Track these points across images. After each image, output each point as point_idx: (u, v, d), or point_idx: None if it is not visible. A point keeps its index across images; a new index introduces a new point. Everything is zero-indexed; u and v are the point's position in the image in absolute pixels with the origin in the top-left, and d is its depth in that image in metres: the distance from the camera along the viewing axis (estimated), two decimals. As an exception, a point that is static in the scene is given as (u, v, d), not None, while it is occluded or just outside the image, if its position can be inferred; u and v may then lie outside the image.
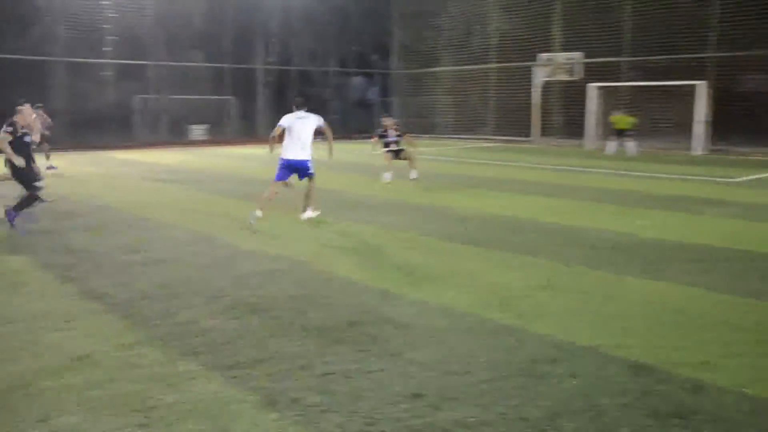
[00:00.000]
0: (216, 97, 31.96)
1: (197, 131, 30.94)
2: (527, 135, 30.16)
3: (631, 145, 23.58)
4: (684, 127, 25.12)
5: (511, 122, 31.23)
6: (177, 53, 31.65)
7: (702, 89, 23.94)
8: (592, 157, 22.68)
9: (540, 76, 29.20)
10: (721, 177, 16.57)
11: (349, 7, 35.55)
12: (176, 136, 30.02)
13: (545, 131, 29.80)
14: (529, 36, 30.20)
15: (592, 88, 26.52)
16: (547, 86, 29.55)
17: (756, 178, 16.48)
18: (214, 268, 7.35)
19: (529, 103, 29.75)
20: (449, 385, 4.25)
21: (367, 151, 20.11)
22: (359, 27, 36.48)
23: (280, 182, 10.47)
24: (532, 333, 5.22)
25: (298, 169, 10.32)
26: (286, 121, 10.15)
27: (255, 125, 33.99)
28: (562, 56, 28.86)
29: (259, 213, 9.89)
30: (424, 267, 7.39)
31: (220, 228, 9.76)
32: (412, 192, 13.81)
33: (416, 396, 4.11)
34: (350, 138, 34.54)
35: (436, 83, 35.05)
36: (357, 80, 38.69)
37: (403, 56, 36.57)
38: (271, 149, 10.47)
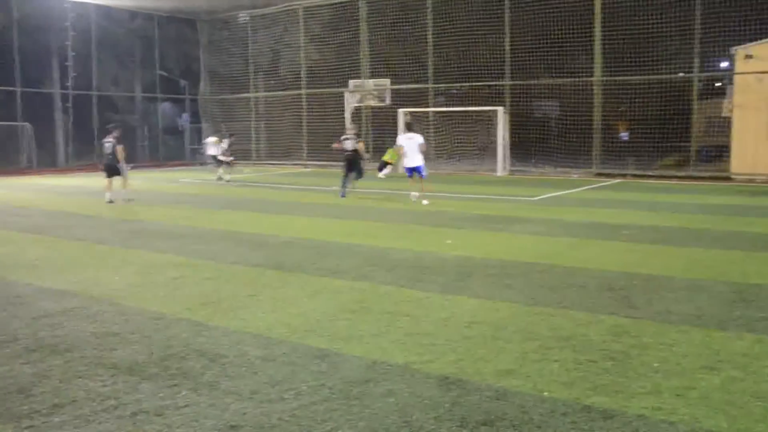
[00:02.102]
0: (6, 123, 29.52)
1: (-16, 161, 28.42)
2: (340, 160, 30.67)
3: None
4: (487, 150, 26.84)
5: (325, 147, 31.61)
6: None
7: (500, 114, 25.69)
8: (401, 180, 23.46)
9: (351, 102, 29.91)
10: (521, 196, 17.80)
11: (153, 32, 34.49)
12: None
13: (358, 155, 30.46)
14: (339, 63, 30.88)
15: (401, 113, 27.55)
16: (357, 112, 30.33)
17: (551, 196, 17.88)
18: (6, 309, 6.74)
19: (341, 129, 30.32)
20: (265, 415, 4.18)
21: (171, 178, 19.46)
22: (165, 52, 35.48)
23: (410, 177, 16.84)
24: (345, 355, 5.28)
25: (414, 170, 16.57)
26: (400, 140, 17.32)
27: (55, 153, 31.85)
28: (371, 83, 29.78)
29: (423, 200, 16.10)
30: (232, 296, 7.25)
31: (9, 266, 9.00)
32: (216, 219, 13.55)
33: (232, 428, 4.00)
34: (161, 166, 33.39)
35: (248, 109, 34.78)
36: (165, 106, 37.54)
37: (212, 82, 35.93)
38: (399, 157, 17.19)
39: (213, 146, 24.53)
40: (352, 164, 17.97)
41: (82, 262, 9.30)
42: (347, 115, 29.85)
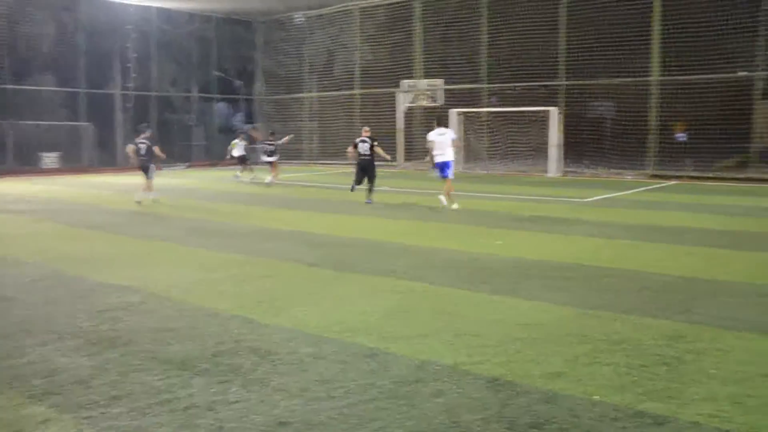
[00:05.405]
0: (70, 123, 30.42)
1: (49, 159, 29.32)
2: (392, 160, 30.73)
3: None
4: (540, 151, 26.53)
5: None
6: (25, 77, 29.96)
7: (554, 115, 25.38)
8: (458, 180, 23.33)
9: (403, 102, 29.91)
10: (574, 197, 17.56)
11: (210, 34, 35.09)
12: (25, 164, 28.30)
13: (410, 156, 30.52)
14: (392, 63, 30.94)
15: (454, 114, 27.46)
16: (410, 112, 30.31)
17: (605, 198, 17.60)
18: (70, 303, 6.97)
19: (394, 129, 30.38)
20: (314, 412, 4.23)
21: (228, 178, 19.85)
22: (222, 53, 36.06)
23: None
24: (395, 355, 5.30)
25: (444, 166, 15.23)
26: (431, 136, 15.40)
27: (114, 152, 32.66)
28: (424, 83, 29.74)
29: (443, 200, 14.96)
30: (287, 294, 7.35)
31: (75, 261, 9.28)
32: (271, 218, 13.72)
33: (281, 424, 4.06)
34: (215, 165, 33.93)
35: (301, 109, 35.11)
36: (220, 106, 38.13)
37: (267, 82, 36.42)
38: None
39: (238, 148, 24.67)
40: (366, 168, 16.64)
41: (144, 258, 9.54)
42: (399, 115, 29.85)
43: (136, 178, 18.73)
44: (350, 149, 17.11)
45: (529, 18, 26.55)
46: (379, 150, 16.63)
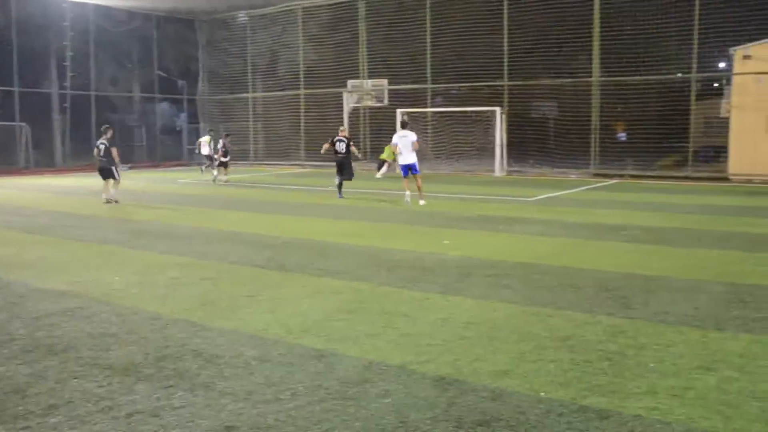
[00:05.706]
0: (3, 123, 29.42)
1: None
2: (363, 158, 30.68)
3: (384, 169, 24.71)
4: (484, 150, 26.82)
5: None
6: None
7: (498, 115, 25.67)
8: (399, 180, 23.44)
9: (349, 102, 29.88)
10: (519, 196, 17.80)
11: (151, 32, 34.45)
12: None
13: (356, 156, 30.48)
14: (337, 64, 30.87)
15: (399, 114, 27.52)
16: (355, 112, 30.30)
17: (549, 197, 17.88)
18: (5, 309, 6.74)
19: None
20: (261, 415, 4.18)
21: (175, 180, 19.48)
22: (163, 52, 35.45)
23: (405, 177, 16.30)
24: (342, 356, 5.27)
25: (409, 167, 16.18)
26: (394, 138, 16.51)
27: (52, 153, 31.80)
28: (369, 83, 29.77)
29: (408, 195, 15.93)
30: (231, 296, 7.25)
31: (10, 265, 8.99)
32: (216, 220, 13.55)
33: (228, 429, 4.00)
34: (158, 166, 33.38)
35: (245, 109, 34.75)
36: (163, 106, 37.48)
37: (210, 82, 35.93)
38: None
39: (206, 145, 25.09)
40: (342, 166, 17.84)
41: (83, 262, 9.30)
42: (345, 115, 29.83)
43: (76, 180, 18.25)
44: (326, 145, 18.20)
45: (472, 19, 26.84)
46: (353, 149, 18.10)
